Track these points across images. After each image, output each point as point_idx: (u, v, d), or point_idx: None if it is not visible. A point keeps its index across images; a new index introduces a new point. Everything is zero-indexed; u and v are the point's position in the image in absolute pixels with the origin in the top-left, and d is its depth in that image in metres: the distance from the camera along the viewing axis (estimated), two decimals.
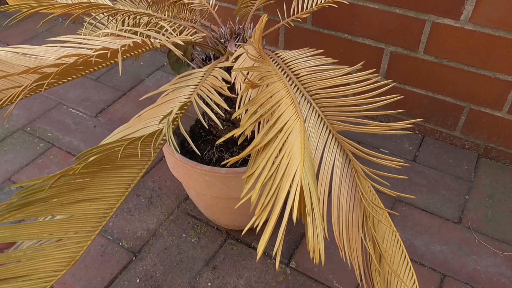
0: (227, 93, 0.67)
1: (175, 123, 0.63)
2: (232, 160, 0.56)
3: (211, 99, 0.67)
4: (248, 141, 0.95)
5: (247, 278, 0.98)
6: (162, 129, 0.58)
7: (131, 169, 0.60)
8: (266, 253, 1.03)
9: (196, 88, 0.70)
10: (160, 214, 1.12)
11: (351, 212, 0.65)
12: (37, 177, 1.20)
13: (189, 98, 0.68)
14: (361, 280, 0.65)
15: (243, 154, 0.55)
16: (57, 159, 1.26)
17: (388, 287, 0.63)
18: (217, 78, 0.71)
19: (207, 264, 1.01)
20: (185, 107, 0.65)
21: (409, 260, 0.64)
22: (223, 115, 0.75)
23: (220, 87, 0.68)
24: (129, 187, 0.60)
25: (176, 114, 0.61)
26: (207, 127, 0.68)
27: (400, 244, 0.66)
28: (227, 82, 0.72)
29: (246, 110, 0.59)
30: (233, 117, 0.62)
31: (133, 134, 0.65)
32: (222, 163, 0.71)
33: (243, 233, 0.73)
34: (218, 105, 0.88)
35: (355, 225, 0.65)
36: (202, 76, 0.73)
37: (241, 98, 0.67)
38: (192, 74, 0.75)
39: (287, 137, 0.54)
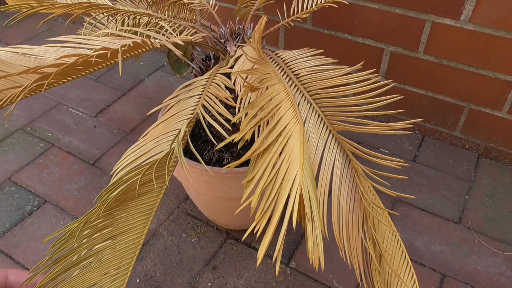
0: (232, 103, 0.67)
1: (184, 139, 0.63)
2: (232, 165, 0.56)
3: (215, 110, 0.68)
4: (248, 141, 0.95)
5: (247, 278, 0.98)
6: (173, 149, 0.58)
7: (150, 194, 0.61)
8: (266, 253, 1.03)
9: (200, 98, 0.70)
10: (160, 214, 1.12)
11: (351, 212, 0.65)
12: (39, 180, 1.20)
13: (194, 110, 0.68)
14: (361, 280, 0.65)
15: (243, 159, 0.55)
16: (57, 159, 1.26)
17: (388, 287, 0.63)
18: (219, 85, 0.72)
19: (207, 264, 1.01)
20: (192, 121, 0.66)
21: (409, 260, 0.64)
22: (229, 127, 0.75)
23: (225, 98, 0.68)
24: (152, 211, 0.61)
25: (185, 131, 0.62)
26: (211, 137, 0.68)
27: (400, 244, 0.66)
28: (229, 88, 0.73)
29: (246, 114, 0.59)
30: (233, 121, 0.62)
31: (145, 155, 0.65)
32: (223, 168, 0.71)
33: (243, 237, 0.73)
34: (227, 116, 0.88)
35: (355, 225, 0.65)
36: (205, 85, 0.74)
37: (240, 101, 0.67)
38: (194, 83, 0.75)
39: (287, 141, 0.54)
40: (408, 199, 1.14)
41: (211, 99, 0.69)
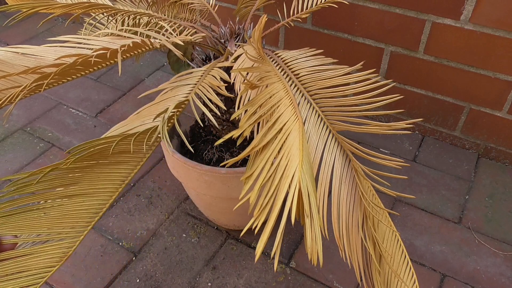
0: (225, 92, 0.67)
1: (171, 121, 0.63)
2: (231, 161, 0.56)
3: (209, 99, 0.67)
4: (248, 141, 0.95)
5: (247, 278, 0.98)
6: (157, 126, 0.58)
7: (125, 165, 0.60)
8: (266, 253, 1.03)
9: (194, 87, 0.70)
10: (160, 214, 1.12)
11: (351, 212, 0.65)
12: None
13: (186, 97, 0.67)
14: (361, 280, 0.65)
15: (242, 155, 0.55)
16: (57, 159, 1.26)
17: (388, 287, 0.63)
18: (215, 77, 0.71)
19: (207, 264, 1.01)
20: (182, 106, 0.65)
21: (409, 260, 0.64)
22: (219, 113, 0.75)
23: (217, 87, 0.68)
24: (123, 183, 0.60)
25: (172, 112, 0.61)
26: (201, 125, 0.68)
27: (400, 244, 0.66)
28: (226, 82, 0.72)
29: (245, 111, 0.59)
30: (232, 117, 0.62)
31: (129, 132, 0.65)
32: (221, 164, 0.71)
33: (241, 234, 0.73)
34: (216, 105, 0.88)
35: (355, 225, 0.65)
36: (201, 76, 0.73)
37: (240, 99, 0.67)
38: (191, 73, 0.75)
39: (286, 138, 0.54)
40: (408, 199, 1.14)
41: (205, 88, 0.69)
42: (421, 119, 1.28)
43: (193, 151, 0.60)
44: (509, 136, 1.18)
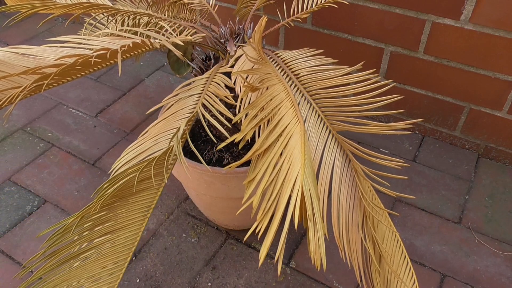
0: (232, 101, 0.67)
1: (183, 137, 0.63)
2: (233, 165, 0.56)
3: (215, 108, 0.68)
4: (249, 141, 0.95)
5: (247, 278, 0.98)
6: (172, 147, 0.58)
7: (149, 191, 0.61)
8: (266, 254, 1.03)
9: (199, 97, 0.70)
10: (160, 214, 1.12)
11: (351, 212, 0.65)
12: (39, 180, 1.20)
13: (194, 108, 0.68)
14: (361, 280, 0.65)
15: (244, 159, 0.55)
16: (57, 159, 1.26)
17: (388, 287, 0.63)
18: (219, 85, 0.71)
19: (207, 264, 1.01)
20: (191, 120, 0.66)
21: (409, 260, 0.64)
22: (229, 125, 0.75)
23: (225, 97, 0.68)
24: (150, 208, 0.61)
25: (184, 129, 0.62)
26: (212, 137, 0.68)
27: (400, 244, 0.66)
28: (229, 87, 0.73)
29: (247, 114, 0.59)
30: (233, 121, 0.62)
31: (144, 153, 0.65)
32: (224, 168, 0.71)
33: (245, 238, 0.73)
34: (227, 114, 0.88)
35: (355, 225, 0.65)
36: (205, 84, 0.74)
37: (241, 101, 0.67)
38: (194, 82, 0.75)
39: (288, 141, 0.54)
40: (408, 199, 1.14)
41: (211, 98, 0.69)
42: (421, 119, 1.28)
43: (203, 161, 0.61)
44: (509, 136, 1.18)
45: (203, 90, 0.72)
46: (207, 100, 0.69)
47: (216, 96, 0.70)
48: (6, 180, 1.20)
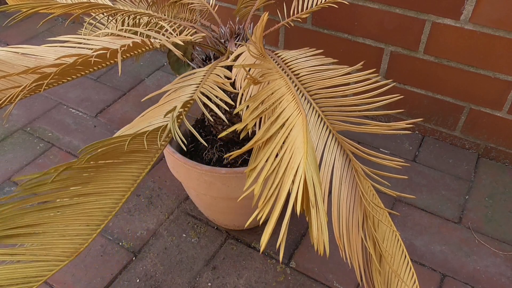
0: (230, 88, 0.67)
1: (179, 120, 0.63)
2: (235, 153, 0.56)
3: (216, 96, 0.67)
4: (249, 137, 0.95)
5: (247, 278, 0.98)
6: (167, 124, 0.58)
7: (137, 164, 0.60)
8: (266, 253, 1.03)
9: (198, 86, 0.70)
10: (160, 214, 1.12)
11: (351, 212, 0.65)
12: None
13: (191, 96, 0.68)
14: (361, 279, 0.65)
15: (245, 148, 0.55)
16: (57, 159, 1.26)
17: (388, 287, 0.63)
18: (219, 75, 0.71)
19: (207, 264, 1.01)
20: (188, 104, 0.65)
21: (409, 260, 0.64)
22: (227, 108, 0.75)
23: (222, 83, 0.68)
24: (135, 182, 0.60)
25: (180, 111, 0.61)
26: (211, 120, 0.68)
27: (401, 244, 0.66)
28: (228, 79, 0.72)
29: (247, 107, 0.59)
30: (234, 112, 0.62)
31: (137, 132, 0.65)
32: (225, 155, 0.70)
33: (246, 225, 0.73)
34: (219, 103, 0.88)
35: (355, 225, 0.65)
36: (204, 75, 0.73)
37: (241, 96, 0.67)
38: (194, 73, 0.75)
39: (290, 132, 0.54)
40: (408, 199, 1.14)
41: (209, 86, 0.69)
42: (421, 119, 1.28)
43: (205, 144, 0.61)
44: (509, 136, 1.18)
45: (202, 80, 0.72)
46: (206, 88, 0.69)
47: (215, 84, 0.70)
48: (6, 180, 1.20)
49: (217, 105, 0.88)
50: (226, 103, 0.90)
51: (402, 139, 1.32)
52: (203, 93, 0.68)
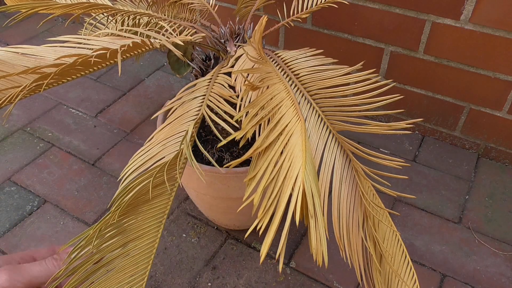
0: (237, 101, 0.67)
1: (191, 140, 0.63)
2: (233, 163, 0.56)
3: (221, 109, 0.68)
4: (249, 141, 0.95)
5: (247, 278, 0.98)
6: (182, 150, 0.58)
7: (161, 197, 0.61)
8: (266, 253, 1.03)
9: (204, 99, 0.70)
10: None
11: (352, 212, 0.65)
12: (39, 180, 1.19)
13: (199, 111, 0.68)
14: (361, 279, 0.65)
15: (244, 157, 0.55)
16: (57, 159, 1.26)
17: (389, 287, 0.63)
18: (223, 85, 0.71)
19: (207, 264, 1.01)
20: (198, 122, 0.66)
21: (409, 260, 0.64)
22: (236, 124, 0.75)
23: (230, 97, 0.68)
24: (165, 214, 0.60)
25: (192, 131, 0.62)
26: (216, 132, 0.68)
27: (401, 244, 0.66)
28: (232, 87, 0.73)
29: (247, 113, 0.59)
30: (234, 119, 0.62)
31: (153, 159, 0.65)
32: (224, 166, 0.70)
33: (245, 236, 0.73)
34: (225, 112, 0.88)
35: (355, 225, 0.65)
36: (207, 85, 0.73)
37: (241, 100, 0.67)
38: (197, 84, 0.75)
39: (288, 140, 0.54)
40: (408, 199, 1.14)
41: (215, 98, 0.69)
42: (421, 119, 1.28)
43: (211, 158, 0.61)
44: (509, 136, 1.18)
45: (206, 91, 0.72)
46: (211, 102, 0.69)
47: (221, 97, 0.70)
48: (6, 180, 1.20)
49: (224, 118, 0.88)
50: (226, 102, 0.90)
51: (402, 139, 1.32)
52: (208, 106, 0.69)
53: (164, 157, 0.64)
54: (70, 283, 0.51)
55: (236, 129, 0.94)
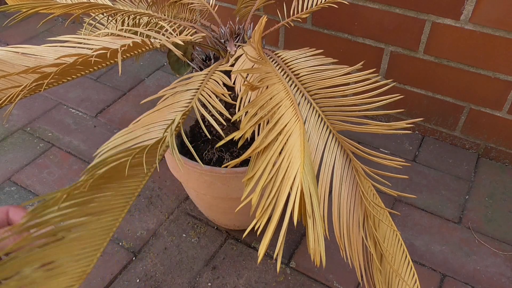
0: (229, 99, 0.67)
1: (176, 129, 0.63)
2: (232, 163, 0.56)
3: (211, 105, 0.68)
4: (249, 141, 0.95)
5: (247, 278, 0.98)
6: (165, 137, 0.58)
7: (135, 178, 0.60)
8: (266, 253, 1.03)
9: (196, 92, 0.70)
10: (160, 214, 1.12)
11: (352, 212, 0.65)
12: (39, 180, 1.19)
13: (189, 103, 0.68)
14: (362, 279, 0.65)
15: (243, 157, 0.55)
16: (57, 159, 1.26)
17: (389, 287, 0.63)
18: (217, 83, 0.71)
19: (207, 264, 1.01)
20: (186, 113, 0.65)
21: (410, 259, 0.64)
22: (224, 122, 0.75)
23: (222, 94, 0.68)
24: (133, 196, 0.60)
25: (178, 121, 0.61)
26: (207, 134, 0.68)
27: (401, 244, 0.66)
28: (228, 85, 0.72)
29: (246, 112, 0.59)
30: (233, 119, 0.62)
31: (134, 140, 0.64)
32: (223, 166, 0.70)
33: (244, 235, 0.73)
34: (222, 112, 0.88)
35: (356, 225, 0.65)
36: (203, 80, 0.73)
37: (240, 100, 0.67)
38: (192, 77, 0.75)
39: (287, 140, 0.54)
40: (408, 199, 1.14)
41: (207, 94, 0.69)
42: (421, 119, 1.28)
43: (196, 155, 0.60)
44: (509, 136, 1.18)
45: (200, 85, 0.72)
46: (203, 96, 0.69)
47: (213, 93, 0.70)
48: (6, 180, 1.20)
49: (217, 113, 0.88)
50: (227, 106, 0.90)
51: (402, 139, 1.32)
52: (200, 100, 0.68)
53: (146, 140, 0.64)
54: (18, 242, 0.50)
55: (231, 129, 0.94)
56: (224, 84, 0.73)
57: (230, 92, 0.70)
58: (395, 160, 0.68)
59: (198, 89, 0.71)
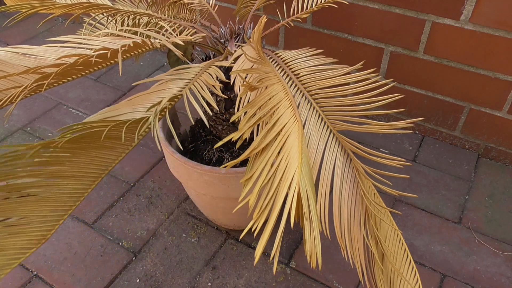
0: (219, 92, 0.67)
1: (162, 113, 0.62)
2: (230, 164, 0.56)
3: (202, 96, 0.67)
4: (248, 141, 0.95)
5: (247, 278, 0.98)
6: (149, 117, 0.57)
7: (112, 151, 0.59)
8: (266, 253, 1.03)
9: (189, 82, 0.70)
10: (160, 214, 1.12)
11: (353, 211, 0.65)
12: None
13: (181, 91, 0.67)
14: (363, 278, 0.65)
15: (241, 157, 0.55)
16: None
17: (391, 286, 0.63)
18: (211, 76, 0.71)
19: (207, 264, 1.01)
20: (175, 99, 0.65)
21: (411, 259, 0.64)
22: (210, 112, 0.75)
23: (212, 85, 0.68)
24: (107, 169, 0.59)
25: (165, 104, 0.61)
26: (208, 125, 0.68)
27: (403, 243, 0.66)
28: (223, 82, 0.72)
29: (245, 113, 0.59)
30: (231, 120, 0.62)
31: (119, 117, 0.64)
32: (221, 166, 0.71)
33: (241, 236, 0.73)
34: (210, 105, 0.88)
35: (356, 224, 0.65)
36: (198, 72, 0.73)
37: (240, 100, 0.67)
38: (189, 68, 0.75)
39: (285, 140, 0.54)
40: (408, 200, 1.14)
41: (200, 85, 0.69)
42: (421, 118, 1.28)
43: (181, 147, 0.60)
44: (509, 136, 1.19)
45: (194, 76, 0.72)
46: (195, 87, 0.69)
47: (206, 85, 0.70)
48: None
49: (210, 105, 0.88)
50: (225, 100, 0.90)
51: (402, 139, 1.32)
52: (193, 92, 0.68)
53: (130, 119, 0.63)
54: None
55: (231, 129, 0.94)
56: (225, 85, 0.73)
57: (222, 85, 0.70)
58: (396, 160, 0.68)
59: (191, 79, 0.71)
